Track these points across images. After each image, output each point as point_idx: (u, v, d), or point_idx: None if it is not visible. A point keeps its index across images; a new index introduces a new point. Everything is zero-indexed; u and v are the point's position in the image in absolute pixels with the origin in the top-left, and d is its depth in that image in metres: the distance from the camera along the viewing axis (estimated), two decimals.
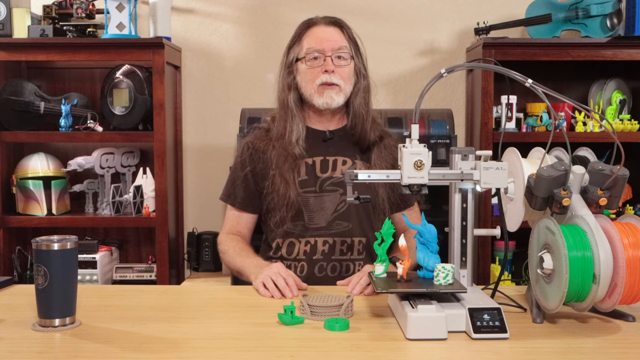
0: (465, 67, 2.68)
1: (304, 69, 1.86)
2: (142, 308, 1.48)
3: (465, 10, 3.09)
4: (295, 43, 1.90)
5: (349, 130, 1.92)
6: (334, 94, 1.85)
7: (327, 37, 1.86)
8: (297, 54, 1.88)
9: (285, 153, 1.85)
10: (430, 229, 1.37)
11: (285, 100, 1.88)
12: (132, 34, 2.81)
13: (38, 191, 2.80)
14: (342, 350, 1.19)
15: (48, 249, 1.28)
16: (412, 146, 1.33)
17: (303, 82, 1.87)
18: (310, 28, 1.89)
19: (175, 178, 3.03)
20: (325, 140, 1.91)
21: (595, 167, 1.35)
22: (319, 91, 1.85)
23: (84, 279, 2.74)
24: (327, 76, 1.83)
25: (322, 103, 1.85)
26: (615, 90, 2.91)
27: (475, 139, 2.91)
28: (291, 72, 1.89)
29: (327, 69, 1.83)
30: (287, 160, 1.85)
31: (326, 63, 1.84)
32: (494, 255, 2.86)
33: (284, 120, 1.88)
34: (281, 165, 1.84)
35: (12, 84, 2.85)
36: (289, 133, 1.85)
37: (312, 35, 1.87)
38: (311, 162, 1.88)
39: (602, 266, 1.21)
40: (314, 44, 1.85)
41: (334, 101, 1.85)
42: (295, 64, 1.88)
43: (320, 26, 1.88)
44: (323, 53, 1.84)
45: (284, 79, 1.90)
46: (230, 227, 1.94)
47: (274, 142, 1.88)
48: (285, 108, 1.88)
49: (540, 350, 1.19)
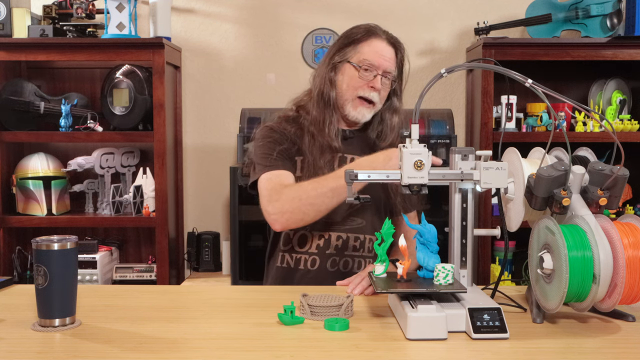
0: (465, 67, 2.68)
1: (351, 74, 1.87)
2: (142, 308, 1.48)
3: (465, 10, 3.09)
4: (351, 44, 1.89)
5: (371, 135, 1.94)
6: (366, 112, 1.88)
7: (385, 56, 1.87)
8: (350, 57, 1.88)
9: (324, 143, 1.85)
10: (430, 229, 1.37)
11: (328, 95, 1.89)
12: (132, 34, 2.81)
13: (38, 191, 2.80)
14: (342, 350, 1.19)
15: (48, 249, 1.28)
16: (412, 146, 1.33)
17: (344, 85, 1.88)
18: (371, 37, 1.88)
19: (175, 178, 3.03)
20: (345, 139, 1.93)
21: (595, 167, 1.35)
22: (354, 104, 1.87)
23: (84, 279, 2.74)
24: (370, 92, 1.85)
25: (352, 116, 1.88)
26: (615, 90, 2.91)
27: (475, 139, 2.91)
28: (335, 67, 1.89)
29: (374, 86, 1.85)
30: (324, 152, 1.85)
31: (375, 80, 1.85)
32: (494, 255, 2.86)
33: (322, 112, 1.88)
34: (316, 155, 1.85)
35: (12, 84, 2.85)
36: (330, 126, 1.87)
37: (373, 46, 1.87)
38: (329, 158, 1.88)
39: (602, 266, 1.21)
40: (372, 56, 1.86)
41: (364, 118, 1.89)
42: (344, 63, 1.89)
43: (382, 41, 1.88)
44: (376, 69, 1.86)
45: (327, 73, 1.90)
46: (276, 183, 1.75)
47: (312, 130, 1.88)
48: (327, 102, 1.89)
49: (540, 350, 1.19)
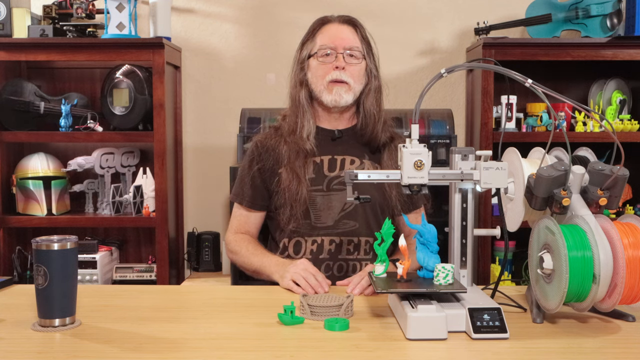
0: (465, 67, 2.68)
1: (315, 65, 1.87)
2: (142, 308, 1.48)
3: (465, 10, 3.09)
4: (308, 39, 1.91)
5: (358, 131, 1.92)
6: (343, 92, 1.85)
7: (340, 35, 1.87)
8: (310, 51, 1.89)
9: (297, 148, 1.85)
10: (430, 229, 1.37)
11: (296, 96, 1.89)
12: (132, 34, 2.81)
13: (38, 191, 2.80)
14: (342, 350, 1.19)
15: (48, 249, 1.28)
16: (412, 146, 1.33)
17: (313, 78, 1.87)
18: (324, 25, 1.90)
19: (175, 178, 3.03)
20: (334, 139, 1.92)
21: (595, 167, 1.35)
22: (329, 88, 1.85)
23: (84, 279, 2.74)
24: (338, 73, 1.84)
25: (330, 100, 1.85)
26: (615, 90, 2.91)
27: (475, 139, 2.91)
28: (303, 68, 1.90)
29: (338, 66, 1.84)
30: (299, 156, 1.85)
31: (337, 60, 1.85)
32: (494, 255, 2.86)
33: (295, 116, 1.89)
34: (292, 161, 1.84)
35: (12, 84, 2.85)
36: (300, 128, 1.86)
37: (326, 32, 1.88)
38: (319, 161, 1.88)
39: (602, 266, 1.21)
40: (326, 41, 1.86)
41: (343, 99, 1.85)
42: (307, 60, 1.89)
43: (335, 24, 1.90)
44: (335, 50, 1.85)
45: (296, 75, 1.91)
46: (237, 226, 1.94)
47: (285, 137, 1.89)
48: (296, 104, 1.89)
49: (540, 350, 1.19)
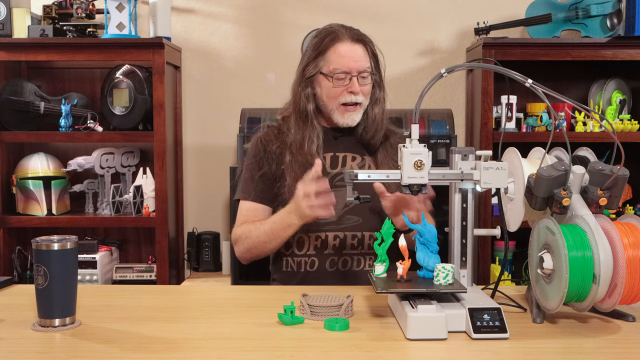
0: (465, 67, 2.68)
1: (327, 86, 1.85)
2: (142, 308, 1.48)
3: (465, 10, 3.09)
4: (319, 55, 1.86)
5: (359, 132, 1.92)
6: (355, 115, 1.86)
7: (353, 57, 1.84)
8: (321, 68, 1.86)
9: (305, 162, 1.83)
10: (430, 229, 1.37)
11: (305, 111, 1.87)
12: (132, 34, 2.81)
13: (38, 191, 2.80)
14: (342, 350, 1.19)
15: (48, 249, 1.28)
16: (412, 146, 1.33)
17: (325, 97, 1.86)
18: (335, 43, 1.86)
19: (175, 178, 3.03)
20: (335, 138, 1.92)
21: (595, 167, 1.35)
22: (341, 110, 1.86)
23: (84, 279, 2.74)
24: (352, 97, 1.84)
25: (342, 122, 1.87)
26: (615, 90, 2.91)
27: (475, 139, 2.91)
28: (311, 82, 1.87)
29: (353, 91, 1.84)
30: (306, 169, 1.79)
31: (352, 84, 1.84)
32: (494, 255, 2.86)
33: (302, 130, 1.87)
34: (299, 174, 1.80)
35: (12, 84, 2.85)
36: (309, 144, 1.85)
37: (339, 52, 1.85)
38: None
39: (602, 266, 1.21)
40: (341, 64, 1.83)
41: (354, 122, 1.87)
42: (317, 75, 1.87)
43: (346, 43, 1.85)
44: (349, 74, 1.84)
45: (303, 89, 1.88)
46: (244, 220, 1.88)
47: (292, 149, 1.87)
48: (304, 119, 1.87)
49: (540, 350, 1.19)
